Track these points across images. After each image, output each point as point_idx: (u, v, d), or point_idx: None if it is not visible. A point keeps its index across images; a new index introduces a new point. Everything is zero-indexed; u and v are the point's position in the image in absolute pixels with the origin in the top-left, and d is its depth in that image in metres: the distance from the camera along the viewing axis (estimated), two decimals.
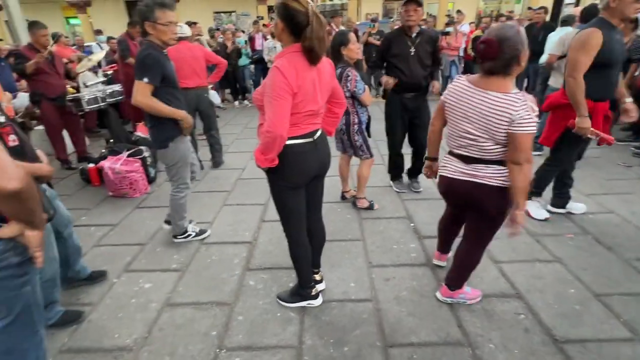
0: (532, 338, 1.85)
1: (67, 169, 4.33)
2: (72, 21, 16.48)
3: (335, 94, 1.87)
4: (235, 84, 7.71)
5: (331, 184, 3.60)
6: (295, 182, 1.79)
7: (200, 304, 2.15)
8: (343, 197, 3.39)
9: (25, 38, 4.56)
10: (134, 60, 5.67)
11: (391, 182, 3.63)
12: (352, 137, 2.95)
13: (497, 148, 1.65)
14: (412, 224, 2.93)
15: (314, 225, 2.07)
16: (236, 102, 7.85)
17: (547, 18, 6.40)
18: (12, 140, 1.60)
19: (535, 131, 1.56)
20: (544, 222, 2.86)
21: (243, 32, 9.26)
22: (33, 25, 3.95)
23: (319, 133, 1.81)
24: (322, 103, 1.75)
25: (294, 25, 1.52)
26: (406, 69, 3.05)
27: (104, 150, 3.98)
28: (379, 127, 5.21)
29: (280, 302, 2.12)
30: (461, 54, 7.43)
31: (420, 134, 3.28)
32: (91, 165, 3.89)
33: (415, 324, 1.96)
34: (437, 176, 2.01)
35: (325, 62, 1.70)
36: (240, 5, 16.13)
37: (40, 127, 4.44)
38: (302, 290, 2.07)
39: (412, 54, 3.01)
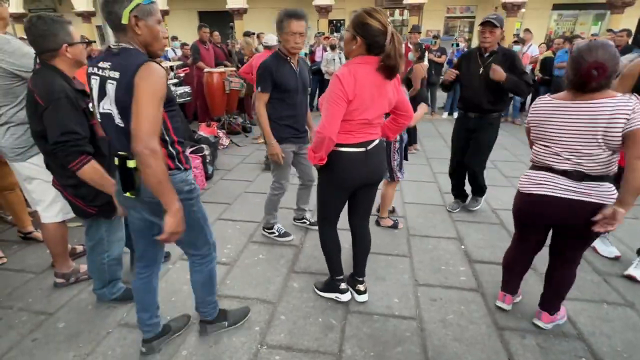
0: None
1: None
2: None
3: (400, 106, 1.92)
4: None
5: (379, 195, 3.57)
6: (341, 186, 1.93)
7: (246, 298, 2.22)
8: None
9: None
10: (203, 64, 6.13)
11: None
12: (391, 156, 2.87)
13: (609, 157, 1.60)
14: (462, 246, 2.81)
15: (359, 232, 2.15)
16: None
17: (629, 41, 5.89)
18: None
19: None
20: (613, 260, 2.60)
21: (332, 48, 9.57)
22: None
23: (373, 144, 1.87)
24: (379, 114, 1.80)
25: (373, 43, 1.63)
26: (470, 87, 2.99)
27: None
28: (432, 144, 5.12)
29: (315, 289, 2.27)
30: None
31: (472, 156, 3.13)
32: None
33: (461, 351, 1.86)
34: (518, 194, 1.89)
35: None
36: None
37: None
38: (332, 282, 2.20)
39: (480, 73, 2.91)
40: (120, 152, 1.43)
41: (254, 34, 6.98)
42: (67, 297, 2.22)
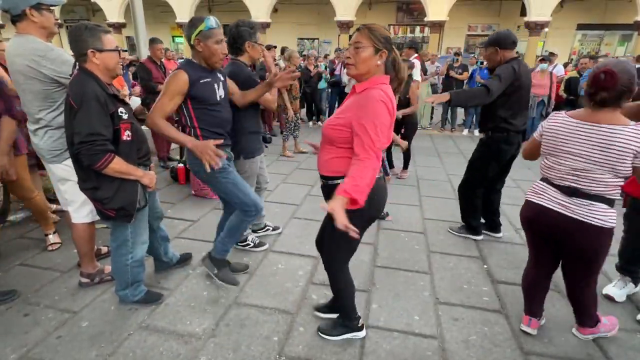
0: None
1: (162, 166, 4.85)
2: (177, 39, 18.81)
3: None
4: (312, 105, 8.08)
5: (395, 210, 3.55)
6: (372, 219, 1.75)
7: (264, 308, 2.22)
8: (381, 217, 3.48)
9: (144, 52, 5.30)
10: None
11: None
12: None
13: (612, 180, 1.59)
14: (485, 266, 2.74)
15: None
16: (310, 122, 8.19)
17: None
18: (127, 135, 1.87)
19: None
20: None
21: (325, 56, 9.76)
22: (152, 41, 4.66)
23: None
24: None
25: (394, 57, 1.57)
26: None
27: None
28: (452, 161, 5.09)
29: (323, 335, 1.99)
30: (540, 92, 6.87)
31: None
32: (180, 165, 4.32)
33: None
34: (524, 202, 1.93)
35: None
36: (323, 33, 17.06)
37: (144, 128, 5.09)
38: (348, 322, 1.97)
39: None
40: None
41: (275, 47, 7.15)
42: (91, 296, 2.27)
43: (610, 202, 1.65)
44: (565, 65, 9.08)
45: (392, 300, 2.32)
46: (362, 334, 2.00)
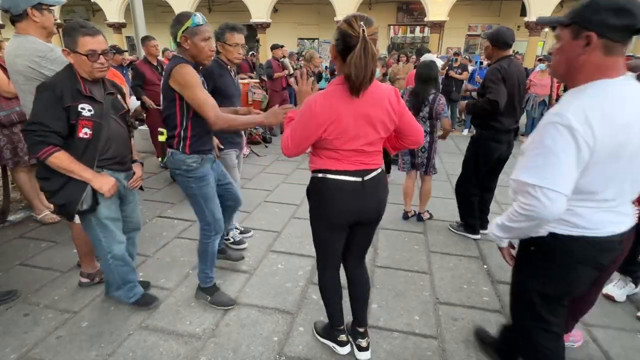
0: None
1: (162, 166, 4.84)
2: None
3: (406, 130, 1.59)
4: None
5: (396, 209, 3.54)
6: (330, 222, 1.62)
7: (264, 308, 2.22)
8: (405, 217, 3.48)
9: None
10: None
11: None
12: (431, 155, 3.28)
13: None
14: (485, 266, 2.74)
15: (354, 273, 1.85)
16: None
17: None
18: (84, 133, 1.76)
19: None
20: None
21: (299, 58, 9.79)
22: (145, 39, 4.64)
23: (372, 175, 1.56)
24: (371, 140, 1.50)
25: (345, 50, 1.35)
26: None
27: None
28: (452, 161, 5.07)
29: (314, 331, 2.01)
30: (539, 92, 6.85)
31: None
32: None
33: None
34: None
35: (383, 96, 1.47)
36: (323, 33, 17.08)
37: (143, 127, 5.10)
38: (331, 330, 1.91)
39: None
40: (159, 129, 1.98)
41: (282, 46, 7.16)
42: (91, 296, 2.27)
43: None
44: None
45: (392, 300, 2.32)
46: (342, 350, 1.87)
